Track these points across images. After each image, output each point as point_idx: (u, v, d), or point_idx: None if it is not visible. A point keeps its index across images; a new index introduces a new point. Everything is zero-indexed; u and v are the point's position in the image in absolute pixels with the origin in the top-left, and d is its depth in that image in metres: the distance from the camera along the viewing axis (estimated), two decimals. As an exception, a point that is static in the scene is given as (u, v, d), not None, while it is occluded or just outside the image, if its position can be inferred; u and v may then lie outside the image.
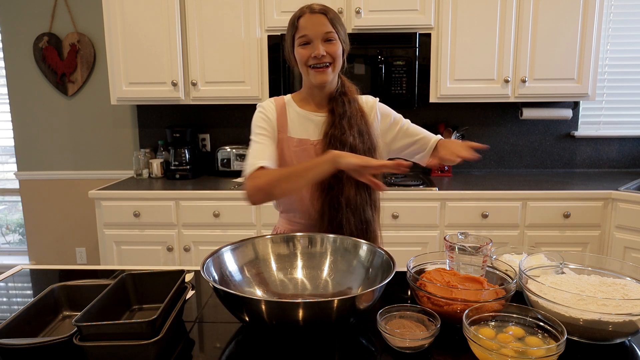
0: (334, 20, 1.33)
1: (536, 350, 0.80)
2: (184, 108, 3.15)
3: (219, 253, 1.14)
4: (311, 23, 1.32)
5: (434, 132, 1.54)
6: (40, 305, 1.01)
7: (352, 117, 1.38)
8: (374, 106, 1.47)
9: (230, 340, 0.99)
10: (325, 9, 1.34)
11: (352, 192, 1.35)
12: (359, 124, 1.38)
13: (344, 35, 1.37)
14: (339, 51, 1.35)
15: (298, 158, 1.38)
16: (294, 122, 1.42)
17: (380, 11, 2.63)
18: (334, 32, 1.33)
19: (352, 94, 1.42)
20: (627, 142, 3.07)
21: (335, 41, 1.34)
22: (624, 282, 1.02)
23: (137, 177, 3.08)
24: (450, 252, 1.19)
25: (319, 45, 1.32)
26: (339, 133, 1.35)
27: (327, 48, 1.33)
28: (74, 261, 3.36)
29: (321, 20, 1.32)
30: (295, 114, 1.42)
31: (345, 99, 1.40)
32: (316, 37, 1.32)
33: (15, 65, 3.17)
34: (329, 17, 1.33)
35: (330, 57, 1.33)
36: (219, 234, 2.62)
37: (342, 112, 1.37)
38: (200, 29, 2.71)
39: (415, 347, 0.91)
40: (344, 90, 1.42)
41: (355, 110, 1.40)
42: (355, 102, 1.41)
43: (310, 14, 1.33)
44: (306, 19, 1.33)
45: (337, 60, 1.35)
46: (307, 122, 1.42)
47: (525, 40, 2.64)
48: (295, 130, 1.41)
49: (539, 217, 2.52)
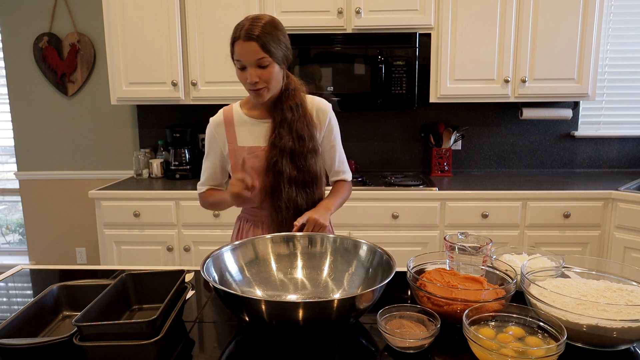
0: (266, 45, 1.33)
1: (536, 350, 0.80)
2: (184, 108, 3.15)
3: (219, 253, 1.14)
4: (243, 50, 1.34)
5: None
6: (40, 305, 1.01)
7: (291, 123, 1.44)
8: (326, 112, 1.52)
9: (230, 340, 0.99)
10: (258, 33, 1.33)
11: (293, 194, 1.46)
12: (299, 129, 1.44)
13: (281, 53, 1.39)
14: (272, 75, 1.38)
15: (252, 164, 1.47)
16: (243, 131, 1.50)
17: (380, 11, 2.63)
18: (267, 57, 1.34)
19: (296, 99, 1.46)
20: (627, 142, 3.07)
21: (269, 65, 1.36)
22: (631, 287, 1.00)
23: (137, 177, 3.08)
24: (450, 252, 1.19)
25: (253, 72, 1.36)
26: (277, 139, 1.43)
27: (260, 74, 1.36)
28: (74, 261, 3.36)
29: (252, 48, 1.33)
30: (244, 123, 1.50)
31: (287, 106, 1.44)
32: (249, 64, 1.35)
33: (15, 65, 3.17)
34: (260, 43, 1.33)
35: (263, 81, 1.37)
36: (219, 234, 2.62)
37: (281, 119, 1.44)
38: (200, 29, 2.71)
39: (416, 347, 0.91)
40: (287, 95, 1.46)
41: (297, 115, 1.45)
42: (298, 108, 1.46)
43: (243, 42, 1.33)
44: (239, 45, 1.35)
45: (272, 82, 1.39)
46: (255, 129, 1.49)
47: (525, 40, 2.64)
48: (244, 138, 1.49)
49: (539, 217, 2.52)
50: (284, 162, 1.43)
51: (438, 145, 2.99)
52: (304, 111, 1.46)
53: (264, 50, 1.33)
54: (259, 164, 1.46)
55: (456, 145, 3.08)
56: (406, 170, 3.12)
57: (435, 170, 3.00)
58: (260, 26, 1.34)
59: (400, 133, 3.09)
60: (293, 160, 1.44)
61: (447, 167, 2.99)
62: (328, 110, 1.53)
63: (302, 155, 1.44)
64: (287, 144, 1.42)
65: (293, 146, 1.43)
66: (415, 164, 3.14)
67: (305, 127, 1.45)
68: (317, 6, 2.63)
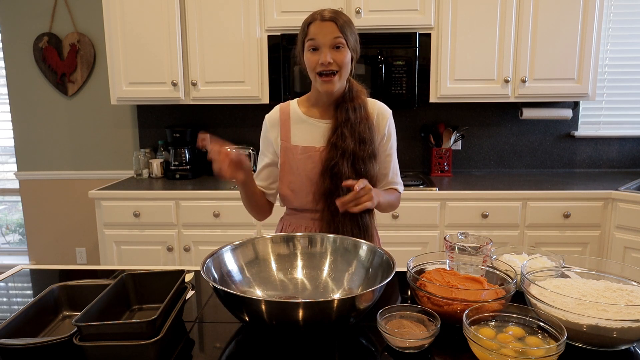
0: (343, 28, 1.33)
1: (536, 350, 0.80)
2: (184, 108, 3.15)
3: (219, 253, 1.14)
4: (320, 30, 1.33)
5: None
6: (40, 305, 1.01)
7: (354, 124, 1.38)
8: (386, 117, 1.47)
9: (230, 340, 0.99)
10: (335, 16, 1.34)
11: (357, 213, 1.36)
12: (361, 131, 1.39)
13: (353, 43, 1.37)
14: (346, 59, 1.35)
15: (304, 165, 1.42)
16: (298, 129, 1.45)
17: (380, 11, 2.63)
18: (343, 39, 1.33)
19: (359, 100, 1.42)
20: (627, 142, 3.07)
21: (343, 48, 1.34)
22: (631, 287, 1.00)
23: (137, 177, 3.08)
24: (450, 252, 1.19)
25: (327, 52, 1.32)
26: (340, 141, 1.37)
27: (335, 56, 1.33)
28: (74, 261, 3.36)
29: (330, 28, 1.32)
30: (300, 122, 1.45)
31: (351, 106, 1.40)
32: (324, 44, 1.33)
33: (15, 65, 3.17)
34: (338, 24, 1.33)
35: (337, 64, 1.34)
36: (219, 234, 2.62)
37: (344, 119, 1.39)
38: (200, 29, 2.71)
39: (416, 347, 0.91)
40: (352, 96, 1.42)
41: (359, 117, 1.40)
42: (361, 109, 1.41)
43: (321, 22, 1.33)
44: (316, 25, 1.34)
45: (344, 68, 1.35)
46: (312, 129, 1.44)
47: (525, 40, 2.64)
48: (298, 138, 1.44)
49: (539, 217, 2.52)
50: (344, 164, 1.36)
51: (438, 145, 2.99)
52: (366, 113, 1.41)
53: (341, 32, 1.32)
54: (311, 165, 1.41)
55: (456, 145, 3.08)
56: (406, 170, 3.12)
57: (435, 170, 3.00)
58: (337, 11, 1.35)
59: (400, 133, 3.06)
60: (353, 164, 1.37)
61: (447, 167, 2.99)
62: (389, 116, 1.47)
63: (362, 159, 1.38)
64: (349, 145, 1.36)
65: (355, 148, 1.36)
66: (415, 164, 3.13)
67: (367, 130, 1.39)
68: (317, 6, 2.61)
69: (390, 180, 1.51)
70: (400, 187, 1.54)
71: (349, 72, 1.39)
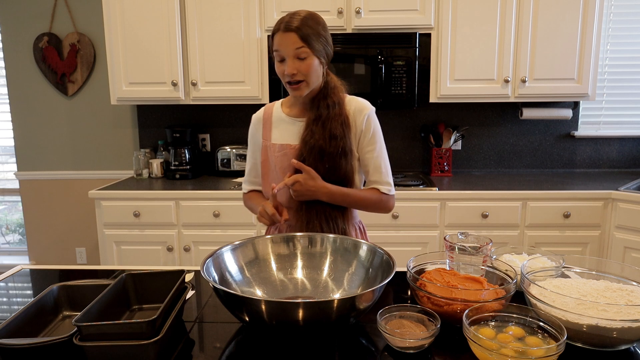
0: (307, 37, 1.32)
1: (536, 350, 0.80)
2: (184, 108, 3.15)
3: (219, 253, 1.14)
4: (283, 40, 1.33)
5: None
6: (40, 305, 1.01)
7: (326, 121, 1.39)
8: (363, 113, 1.44)
9: (230, 340, 0.99)
10: (299, 25, 1.31)
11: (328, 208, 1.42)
12: (332, 128, 1.38)
13: (321, 47, 1.36)
14: (312, 68, 1.35)
15: (281, 162, 1.45)
16: (277, 128, 1.49)
17: (380, 11, 2.63)
18: (307, 48, 1.32)
19: (335, 97, 1.42)
20: (627, 142, 3.07)
21: (308, 57, 1.34)
22: (631, 287, 1.00)
23: (137, 177, 3.08)
24: (450, 252, 1.19)
25: (291, 63, 1.33)
26: (309, 137, 1.39)
27: (299, 66, 1.34)
28: (74, 261, 3.36)
29: (292, 39, 1.31)
30: (280, 121, 1.50)
31: (324, 103, 1.40)
32: (288, 55, 1.33)
33: (15, 65, 3.17)
34: (300, 34, 1.31)
35: (302, 74, 1.35)
36: (219, 234, 2.62)
37: (316, 116, 1.40)
38: (200, 29, 2.70)
39: (416, 347, 0.91)
40: (326, 93, 1.42)
41: (333, 114, 1.40)
42: (336, 106, 1.41)
43: (283, 32, 1.32)
44: (279, 36, 1.34)
45: (310, 75, 1.36)
46: (290, 127, 1.47)
47: (525, 40, 2.64)
48: (277, 136, 1.48)
49: (539, 217, 2.52)
50: (311, 160, 1.38)
51: (438, 145, 2.99)
52: (340, 110, 1.41)
53: (302, 41, 1.31)
54: (287, 162, 1.43)
55: (456, 145, 3.08)
56: (406, 170, 3.12)
57: (435, 170, 3.00)
58: (300, 19, 1.33)
59: (400, 133, 3.09)
60: (322, 160, 1.38)
61: (447, 167, 2.99)
62: (367, 113, 1.44)
63: (331, 155, 1.38)
64: (318, 141, 1.37)
65: (323, 144, 1.37)
66: (415, 164, 3.13)
67: (339, 126, 1.39)
68: (317, 6, 2.63)
69: (371, 179, 1.47)
70: (385, 188, 1.46)
71: (321, 73, 1.40)
